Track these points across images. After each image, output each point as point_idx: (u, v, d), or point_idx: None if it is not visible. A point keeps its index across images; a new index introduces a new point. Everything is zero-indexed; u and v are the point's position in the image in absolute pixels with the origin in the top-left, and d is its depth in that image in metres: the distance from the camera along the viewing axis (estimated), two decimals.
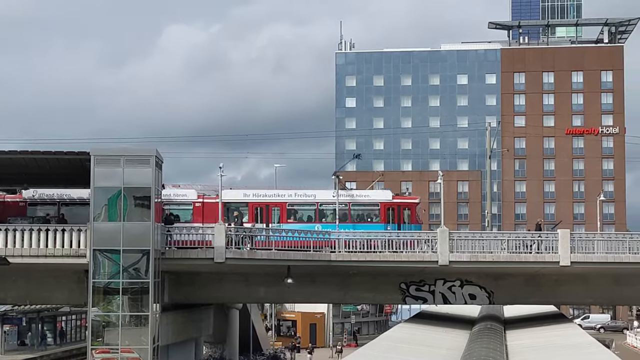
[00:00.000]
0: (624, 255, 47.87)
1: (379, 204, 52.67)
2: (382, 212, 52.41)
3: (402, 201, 53.85)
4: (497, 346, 36.59)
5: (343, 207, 52.49)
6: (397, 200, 53.43)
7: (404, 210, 52.96)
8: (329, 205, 52.94)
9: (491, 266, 48.56)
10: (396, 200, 53.31)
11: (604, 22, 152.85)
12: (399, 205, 53.06)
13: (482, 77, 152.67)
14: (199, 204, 52.00)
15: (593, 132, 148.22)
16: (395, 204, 52.98)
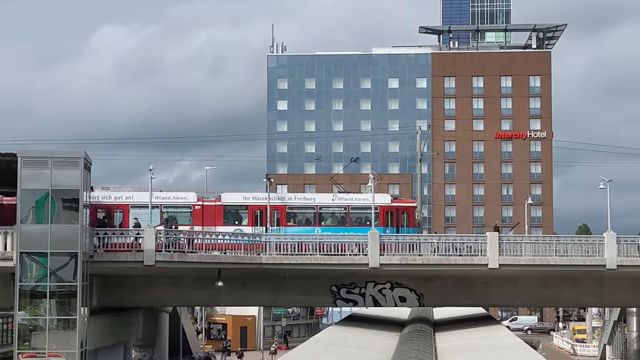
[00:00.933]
0: (551, 257, 48.49)
1: (378, 207, 53.12)
2: (381, 216, 52.95)
3: (401, 205, 54.64)
4: (427, 348, 36.84)
5: (342, 210, 53.23)
6: (396, 204, 54.19)
7: (402, 213, 53.73)
8: (329, 208, 53.64)
9: (421, 269, 48.86)
10: (395, 204, 54.06)
11: (533, 28, 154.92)
12: (398, 208, 53.78)
13: (413, 81, 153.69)
14: (199, 207, 52.14)
15: (521, 136, 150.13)
16: (394, 207, 53.72)
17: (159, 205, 51.72)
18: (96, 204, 50.42)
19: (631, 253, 48.85)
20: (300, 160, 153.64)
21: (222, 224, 51.69)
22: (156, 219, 50.35)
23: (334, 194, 56.10)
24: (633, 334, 76.00)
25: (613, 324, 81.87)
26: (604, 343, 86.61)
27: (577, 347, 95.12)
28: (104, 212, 51.59)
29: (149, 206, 50.15)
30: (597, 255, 48.41)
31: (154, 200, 51.08)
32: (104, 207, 51.84)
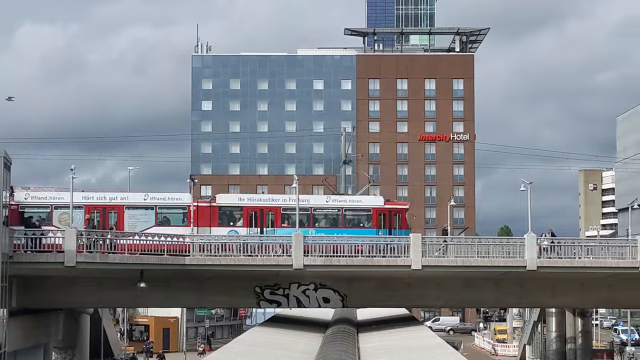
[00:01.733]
0: (473, 259, 49.04)
1: (371, 209, 53.51)
2: (374, 218, 53.31)
3: (393, 207, 54.90)
4: (350, 349, 36.95)
5: (336, 212, 53.57)
6: (389, 206, 54.42)
7: (395, 215, 54.13)
8: (322, 210, 54.06)
9: (345, 270, 49.01)
10: (387, 206, 54.28)
11: (456, 31, 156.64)
12: (390, 210, 54.10)
13: (337, 82, 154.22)
14: (194, 208, 52.38)
15: (445, 138, 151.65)
16: (386, 209, 53.98)
17: (154, 207, 51.97)
18: (91, 204, 51.26)
19: (550, 254, 49.67)
20: (224, 161, 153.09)
21: (217, 225, 52.01)
22: (152, 220, 51.12)
23: (327, 196, 56.65)
24: (552, 334, 77.21)
25: (533, 325, 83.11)
26: (524, 343, 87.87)
27: (498, 347, 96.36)
28: (96, 213, 51.54)
29: (144, 207, 51.31)
30: (518, 256, 49.08)
31: (149, 202, 51.95)
32: (98, 208, 51.93)
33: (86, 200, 52.00)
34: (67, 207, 50.30)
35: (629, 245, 50.23)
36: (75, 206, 50.22)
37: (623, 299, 56.07)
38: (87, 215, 50.49)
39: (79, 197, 51.98)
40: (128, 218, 51.41)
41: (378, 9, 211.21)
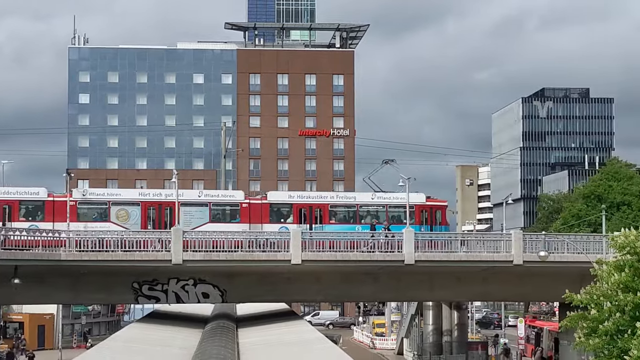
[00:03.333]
0: (352, 253, 49.44)
1: (414, 206, 55.18)
2: (416, 214, 54.95)
3: (435, 204, 56.74)
4: (229, 344, 36.78)
5: (381, 208, 55.32)
6: (430, 203, 56.35)
7: (436, 212, 56.23)
8: (368, 207, 55.80)
9: (225, 265, 48.81)
10: (429, 203, 56.21)
11: (336, 27, 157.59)
12: (432, 207, 56.13)
13: (218, 76, 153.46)
14: (246, 205, 54.15)
15: (325, 133, 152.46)
16: (428, 206, 56.07)
17: (208, 204, 53.46)
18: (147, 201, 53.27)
19: (427, 249, 50.45)
20: (102, 155, 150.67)
21: (269, 221, 53.62)
22: (206, 217, 52.98)
23: (372, 193, 58.14)
24: (429, 327, 78.44)
25: (410, 318, 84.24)
26: (402, 336, 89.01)
27: (376, 341, 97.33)
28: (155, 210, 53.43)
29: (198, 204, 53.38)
30: (396, 251, 49.68)
31: (204, 199, 54.20)
32: (154, 205, 53.47)
33: (143, 197, 53.88)
34: (124, 203, 52.66)
35: (504, 240, 51.39)
36: (133, 203, 52.76)
37: (497, 292, 57.39)
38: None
39: (136, 194, 54.69)
40: (183, 215, 52.78)
41: (259, 4, 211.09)
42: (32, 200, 53.11)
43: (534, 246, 50.86)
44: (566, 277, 47.77)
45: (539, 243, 50.95)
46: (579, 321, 36.95)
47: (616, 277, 34.31)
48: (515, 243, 50.31)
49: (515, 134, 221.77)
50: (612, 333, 34.21)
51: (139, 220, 52.25)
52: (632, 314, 33.42)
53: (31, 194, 53.25)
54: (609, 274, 35.06)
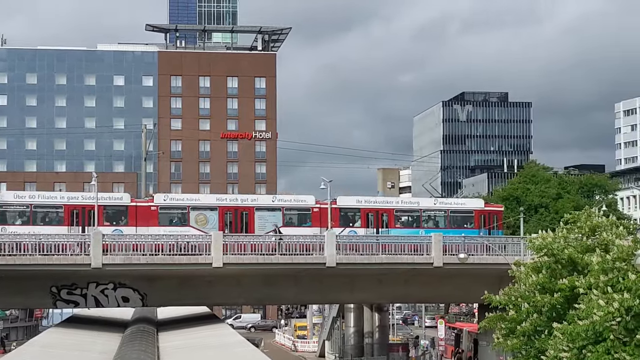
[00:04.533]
0: (274, 256, 49.43)
1: (474, 211, 57.66)
2: (475, 219, 56.99)
3: (492, 209, 59.70)
4: (149, 348, 36.46)
5: (442, 213, 57.13)
6: (488, 208, 59.15)
7: (493, 216, 58.52)
8: (431, 212, 57.82)
9: (145, 268, 48.37)
10: (487, 208, 58.94)
11: (258, 30, 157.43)
12: (489, 212, 58.51)
13: (139, 78, 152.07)
14: (317, 209, 55.80)
15: (247, 136, 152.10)
16: (486, 211, 58.40)
17: (281, 208, 55.12)
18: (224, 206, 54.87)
19: (349, 251, 50.67)
20: (20, 158, 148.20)
21: (338, 225, 54.74)
22: (279, 221, 54.16)
23: (435, 199, 62.05)
24: (350, 330, 78.85)
25: (332, 320, 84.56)
26: (324, 339, 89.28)
27: (298, 344, 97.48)
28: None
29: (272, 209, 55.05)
30: (318, 253, 49.80)
31: (277, 203, 55.89)
32: (231, 209, 54.91)
33: (220, 202, 55.60)
34: (203, 208, 54.47)
35: (424, 242, 51.86)
36: (211, 207, 54.53)
37: (418, 294, 57.89)
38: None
39: (214, 199, 56.61)
40: (258, 219, 54.50)
41: (180, 6, 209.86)
42: (116, 205, 54.53)
43: (453, 248, 51.46)
44: (485, 279, 48.38)
45: (458, 245, 51.56)
46: (497, 322, 37.48)
47: (533, 279, 34.85)
48: (435, 245, 50.80)
49: (435, 137, 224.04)
50: (529, 333, 34.75)
51: (217, 224, 53.85)
52: (549, 314, 33.98)
53: (115, 199, 55.25)
54: (526, 275, 35.61)
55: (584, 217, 37.20)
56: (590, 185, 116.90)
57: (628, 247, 32.72)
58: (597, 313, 29.96)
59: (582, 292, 32.02)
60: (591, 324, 30.05)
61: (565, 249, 34.84)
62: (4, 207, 52.78)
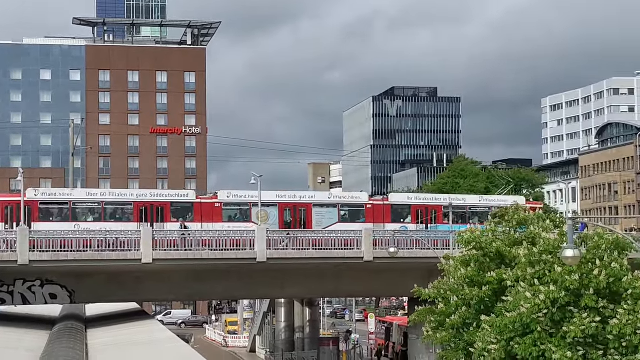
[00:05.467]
0: (204, 252, 49.25)
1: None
2: None
3: (533, 205, 61.14)
4: (77, 345, 36.04)
5: (487, 210, 58.24)
6: (529, 205, 59.56)
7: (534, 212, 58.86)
8: (477, 208, 60.39)
9: (73, 265, 47.83)
10: (528, 205, 59.10)
11: (188, 24, 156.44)
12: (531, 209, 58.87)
13: (66, 73, 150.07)
14: (370, 206, 57.72)
15: (177, 131, 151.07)
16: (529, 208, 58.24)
17: (337, 204, 56.70)
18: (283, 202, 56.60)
19: (278, 246, 50.68)
20: None
21: (390, 221, 56.47)
22: (335, 217, 55.90)
23: (480, 196, 65.17)
24: (281, 324, 78.86)
25: (263, 315, 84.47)
26: (254, 334, 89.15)
27: (229, 339, 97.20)
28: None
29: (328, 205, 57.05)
30: (249, 248, 49.72)
31: (333, 200, 58.25)
32: (290, 206, 56.77)
33: (279, 199, 57.19)
34: (264, 205, 55.53)
35: (354, 237, 52.02)
36: (270, 204, 56.02)
37: (348, 288, 58.12)
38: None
39: (273, 196, 57.65)
40: (315, 215, 56.17)
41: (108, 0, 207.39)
42: (182, 202, 56.19)
43: (384, 243, 51.73)
44: (415, 273, 48.74)
45: (388, 239, 51.85)
46: (426, 315, 37.75)
47: (462, 272, 35.17)
48: (365, 240, 51.03)
49: (366, 132, 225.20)
50: (458, 326, 35.06)
51: (277, 220, 55.48)
52: (478, 307, 34.32)
53: (181, 196, 57.18)
54: (455, 269, 35.92)
55: (511, 211, 37.69)
56: (518, 180, 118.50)
57: (554, 240, 33.24)
58: (524, 305, 30.37)
59: (510, 284, 32.41)
60: (519, 316, 30.44)
61: (494, 243, 35.21)
62: (76, 204, 54.25)
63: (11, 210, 52.62)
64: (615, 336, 29.89)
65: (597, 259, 31.35)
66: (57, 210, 54.23)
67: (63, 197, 55.33)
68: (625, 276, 31.30)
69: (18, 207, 52.41)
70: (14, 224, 51.29)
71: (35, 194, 54.24)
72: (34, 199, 53.45)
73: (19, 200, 52.93)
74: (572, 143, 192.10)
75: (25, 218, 51.71)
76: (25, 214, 51.95)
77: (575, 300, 30.65)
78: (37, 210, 53.10)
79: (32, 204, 53.05)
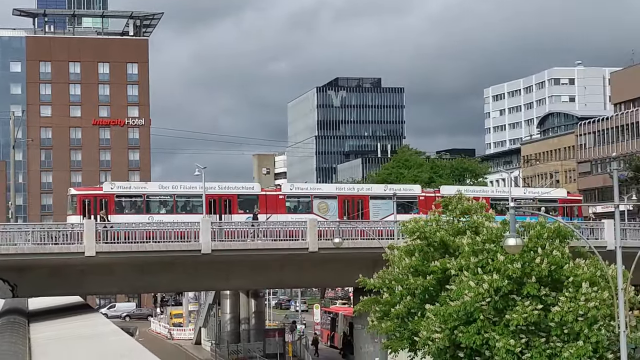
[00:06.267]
0: (148, 244, 48.88)
1: (557, 199, 62.94)
2: (560, 207, 60.52)
3: (574, 198, 66.06)
4: (19, 340, 35.60)
5: (531, 202, 60.34)
6: (570, 197, 65.08)
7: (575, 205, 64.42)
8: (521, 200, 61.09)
9: (15, 259, 47.21)
10: (570, 197, 64.67)
11: (130, 15, 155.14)
12: (572, 201, 64.36)
13: (6, 64, 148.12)
14: (423, 197, 59.51)
15: (119, 123, 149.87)
16: (569, 200, 64.10)
17: (392, 196, 56.37)
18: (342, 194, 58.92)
19: (226, 238, 50.53)
20: None
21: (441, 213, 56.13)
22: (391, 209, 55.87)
23: (524, 188, 68.65)
24: (227, 316, 78.75)
25: (208, 307, 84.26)
26: (200, 326, 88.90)
27: (174, 332, 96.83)
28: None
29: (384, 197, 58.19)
30: (194, 240, 49.49)
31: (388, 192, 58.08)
32: (348, 198, 58.50)
33: (339, 191, 60.25)
34: (324, 197, 58.25)
35: (299, 228, 52.03)
36: (331, 196, 58.32)
37: (294, 279, 58.16)
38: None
39: (333, 189, 62.18)
40: (372, 207, 57.89)
41: None
42: (249, 194, 57.64)
43: (328, 233, 51.82)
44: (360, 263, 48.90)
45: (333, 230, 51.94)
46: (371, 305, 37.95)
47: (407, 262, 35.38)
48: (310, 231, 51.07)
49: (310, 123, 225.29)
50: (403, 316, 35.29)
51: (337, 211, 57.31)
52: (422, 296, 34.56)
53: (247, 189, 58.76)
54: (400, 258, 36.12)
55: (455, 201, 37.96)
56: (461, 170, 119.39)
57: (497, 229, 33.58)
58: (467, 294, 30.65)
59: (454, 273, 32.68)
60: (462, 305, 30.71)
61: (437, 232, 35.47)
62: (150, 196, 56.43)
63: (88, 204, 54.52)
64: (557, 323, 30.30)
65: (539, 247, 31.73)
66: (132, 202, 56.47)
67: (138, 190, 58.38)
68: (566, 264, 31.74)
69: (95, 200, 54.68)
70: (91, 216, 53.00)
71: (111, 187, 56.83)
72: (111, 192, 55.72)
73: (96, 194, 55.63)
74: (514, 133, 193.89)
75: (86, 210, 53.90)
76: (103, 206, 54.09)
77: (517, 289, 31.02)
78: (114, 203, 55.16)
79: (108, 197, 55.17)
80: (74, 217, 54.01)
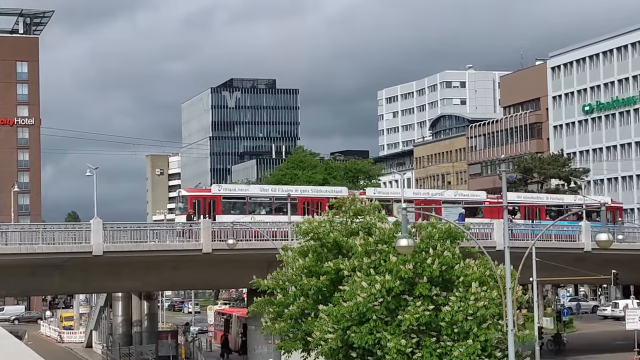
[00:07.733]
0: (38, 246, 48.01)
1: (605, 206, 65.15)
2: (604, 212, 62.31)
3: (614, 205, 69.83)
4: None
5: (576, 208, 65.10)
6: (612, 205, 68.48)
7: (615, 211, 69.12)
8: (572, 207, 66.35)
9: None
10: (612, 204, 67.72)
11: (19, 12, 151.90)
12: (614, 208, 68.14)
13: None
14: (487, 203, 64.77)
15: (8, 122, 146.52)
16: (610, 207, 66.45)
17: (461, 201, 61.61)
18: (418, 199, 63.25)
19: (118, 239, 49.91)
20: None
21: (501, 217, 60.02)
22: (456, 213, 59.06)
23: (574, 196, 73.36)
24: (119, 318, 77.75)
25: (100, 310, 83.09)
26: (91, 329, 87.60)
27: (64, 335, 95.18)
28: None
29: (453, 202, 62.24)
30: (85, 242, 48.78)
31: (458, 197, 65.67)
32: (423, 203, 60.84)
33: (415, 196, 65.71)
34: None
35: (194, 228, 51.69)
36: (408, 200, 59.23)
37: (187, 281, 57.87)
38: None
39: (411, 193, 66.43)
40: (443, 211, 58.57)
41: None
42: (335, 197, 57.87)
43: (222, 234, 51.69)
44: (254, 264, 48.93)
45: (227, 231, 51.82)
46: (265, 306, 37.94)
47: (300, 262, 35.49)
48: (204, 232, 50.87)
49: (204, 124, 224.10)
50: (296, 316, 35.38)
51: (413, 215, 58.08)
52: (315, 297, 34.72)
53: (335, 192, 60.70)
54: (293, 259, 36.22)
55: (348, 202, 38.24)
56: (355, 171, 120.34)
57: (389, 229, 33.93)
58: (360, 294, 30.90)
59: (347, 274, 32.89)
60: (355, 305, 30.95)
61: (331, 233, 35.65)
62: (252, 198, 61.21)
63: (197, 204, 58.63)
64: (448, 322, 30.79)
65: (431, 248, 32.19)
66: (236, 203, 60.73)
67: (241, 192, 63.63)
68: (457, 264, 32.27)
69: (205, 201, 59.04)
70: (200, 216, 56.68)
71: (219, 189, 61.87)
72: (218, 194, 60.29)
73: (206, 195, 60.40)
74: (407, 135, 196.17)
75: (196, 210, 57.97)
76: (211, 207, 58.38)
77: (409, 289, 31.41)
78: (221, 203, 59.12)
79: (216, 198, 59.48)
80: (181, 217, 58.44)
